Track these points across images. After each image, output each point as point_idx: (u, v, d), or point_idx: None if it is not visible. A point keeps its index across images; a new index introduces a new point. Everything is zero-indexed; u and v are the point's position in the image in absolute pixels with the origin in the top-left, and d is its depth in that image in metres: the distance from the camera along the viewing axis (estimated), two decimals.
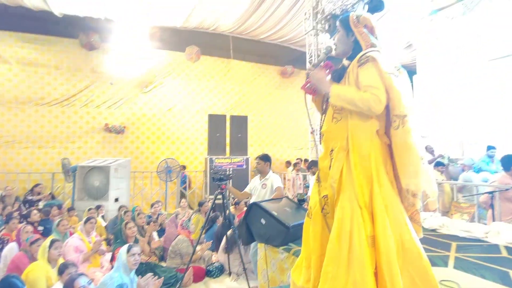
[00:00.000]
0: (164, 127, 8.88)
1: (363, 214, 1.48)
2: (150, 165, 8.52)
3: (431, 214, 3.54)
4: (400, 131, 1.47)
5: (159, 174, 7.67)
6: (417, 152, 1.47)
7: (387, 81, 1.47)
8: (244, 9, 7.33)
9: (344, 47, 1.69)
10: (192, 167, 9.04)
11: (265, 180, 3.76)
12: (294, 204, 3.19)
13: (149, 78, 8.71)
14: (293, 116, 10.63)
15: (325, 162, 1.66)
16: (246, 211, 2.99)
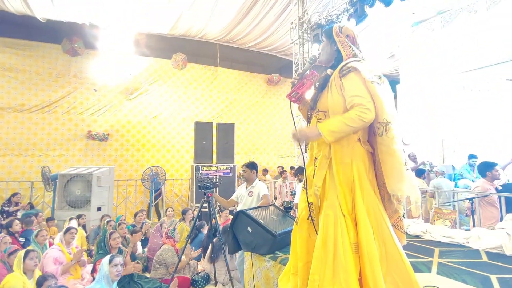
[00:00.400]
0: (150, 134, 8.76)
1: (346, 221, 1.50)
2: (135, 173, 8.36)
3: (414, 221, 3.61)
4: (385, 138, 1.51)
5: (144, 182, 7.52)
6: (401, 159, 1.51)
7: (371, 90, 1.51)
8: (231, 17, 7.40)
9: (327, 56, 1.74)
10: (178, 175, 8.92)
11: (251, 188, 3.75)
12: (280, 211, 3.18)
13: (135, 84, 8.61)
14: (279, 124, 10.71)
15: (309, 170, 1.70)
16: (233, 219, 2.96)
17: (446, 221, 3.69)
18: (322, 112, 1.66)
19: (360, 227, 1.49)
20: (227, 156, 8.10)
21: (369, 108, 1.48)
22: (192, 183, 7.79)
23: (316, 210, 1.64)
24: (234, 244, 2.90)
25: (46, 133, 7.76)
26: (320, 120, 1.64)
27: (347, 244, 1.46)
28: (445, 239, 2.93)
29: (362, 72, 1.54)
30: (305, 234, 1.69)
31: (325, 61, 1.75)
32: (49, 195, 6.89)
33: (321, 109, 1.66)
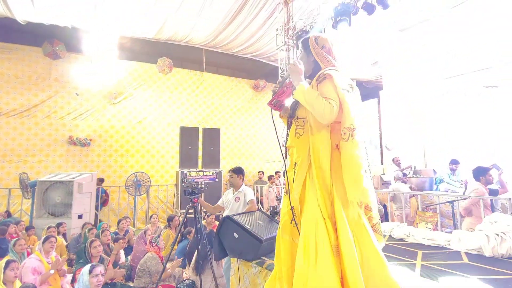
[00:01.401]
0: (134, 139, 8.63)
1: (326, 224, 1.53)
2: (118, 179, 8.20)
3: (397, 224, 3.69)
4: (349, 143, 1.57)
5: (127, 189, 7.38)
6: (360, 165, 1.55)
7: (341, 96, 1.59)
8: (217, 23, 7.42)
9: (306, 67, 1.79)
10: (163, 181, 8.81)
11: (238, 193, 3.75)
12: (267, 217, 3.18)
13: (119, 89, 8.49)
14: (266, 129, 10.77)
15: (290, 175, 1.73)
16: (219, 225, 2.94)
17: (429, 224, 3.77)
18: (301, 119, 1.71)
19: (339, 230, 1.52)
20: (213, 161, 8.07)
21: (334, 110, 1.56)
22: (177, 189, 7.72)
23: (298, 214, 1.67)
24: (220, 250, 2.88)
25: (25, 138, 7.51)
26: (300, 127, 1.70)
27: (327, 247, 1.49)
28: (427, 241, 3.00)
29: (335, 79, 1.62)
30: (288, 238, 1.71)
31: (304, 71, 1.80)
32: (27, 203, 6.65)
33: (300, 116, 1.72)
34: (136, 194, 7.46)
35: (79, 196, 5.99)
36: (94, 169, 7.97)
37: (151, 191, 8.15)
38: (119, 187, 7.79)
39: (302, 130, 1.69)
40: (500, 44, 6.03)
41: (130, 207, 7.79)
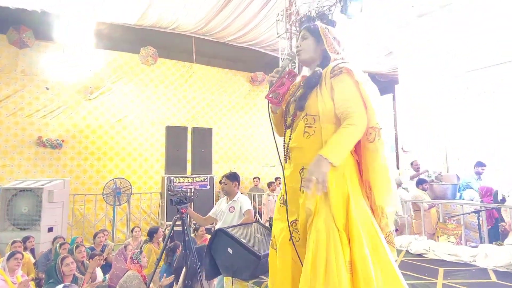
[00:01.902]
0: (113, 140, 8.61)
1: (341, 236, 1.52)
2: (94, 186, 8.17)
3: (416, 238, 3.69)
4: (377, 144, 1.60)
5: (105, 197, 7.36)
6: (388, 167, 1.62)
7: (364, 93, 1.61)
8: (208, 7, 7.43)
9: (312, 55, 1.81)
10: (146, 188, 8.78)
11: (232, 202, 3.74)
12: (266, 230, 3.17)
13: (95, 82, 8.47)
14: (264, 129, 10.77)
15: (293, 182, 1.70)
16: (210, 239, 2.93)
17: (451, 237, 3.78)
18: (311, 116, 1.68)
19: (354, 244, 1.51)
20: (204, 165, 8.06)
21: (363, 115, 1.59)
22: (163, 197, 7.70)
23: (303, 229, 1.64)
24: (212, 268, 2.87)
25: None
26: (310, 126, 1.67)
27: (341, 262, 1.47)
28: (450, 257, 3.01)
29: (355, 74, 1.63)
30: (288, 259, 1.69)
31: (310, 60, 1.82)
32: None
33: (311, 112, 1.68)
34: (115, 203, 7.43)
35: (49, 206, 5.95)
36: (67, 174, 7.93)
37: (133, 200, 8.12)
38: (95, 196, 7.75)
39: (312, 129, 1.67)
40: None
41: (108, 218, 7.75)
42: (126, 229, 7.90)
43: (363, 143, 1.65)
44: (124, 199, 7.58)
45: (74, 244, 4.73)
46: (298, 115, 1.73)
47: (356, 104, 1.59)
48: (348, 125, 1.56)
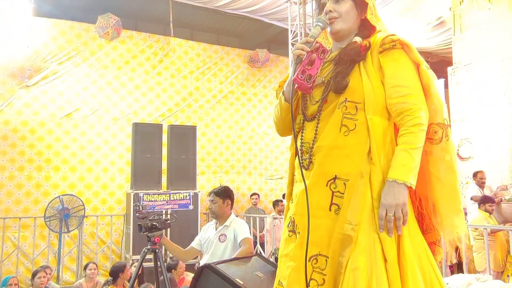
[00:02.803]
0: (59, 143, 8.60)
1: (389, 273, 1.49)
2: (33, 207, 8.15)
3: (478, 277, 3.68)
4: (443, 146, 1.63)
5: (48, 222, 7.33)
6: (457, 177, 1.65)
7: (425, 78, 1.63)
8: None
9: (351, 25, 1.79)
10: (104, 209, 8.76)
11: (224, 228, 3.75)
12: (270, 265, 3.18)
13: (35, 63, 8.47)
14: (267, 127, 10.74)
15: (317, 198, 1.65)
16: (193, 279, 2.94)
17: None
18: (352, 103, 1.65)
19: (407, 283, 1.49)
20: (185, 178, 8.05)
21: (424, 108, 1.60)
22: (128, 221, 7.67)
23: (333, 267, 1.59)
24: None
25: None
26: (350, 117, 1.64)
27: None
28: None
29: (415, 52, 1.64)
30: None
31: (345, 32, 1.79)
32: None
33: (352, 98, 1.65)
34: (62, 230, 7.40)
35: None
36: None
37: (86, 225, 8.10)
38: (34, 219, 7.71)
39: (353, 123, 1.63)
40: None
41: (52, 250, 7.71)
42: (76, 266, 7.83)
43: (425, 146, 1.64)
44: (75, 225, 7.54)
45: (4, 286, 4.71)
46: (331, 101, 1.69)
47: (417, 94, 1.60)
48: (415, 127, 1.56)
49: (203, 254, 3.83)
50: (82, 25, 8.96)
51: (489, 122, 7.81)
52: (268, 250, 7.59)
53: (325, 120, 1.69)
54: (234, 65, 10.62)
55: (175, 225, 6.39)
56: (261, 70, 10.89)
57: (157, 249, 3.55)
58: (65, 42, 8.82)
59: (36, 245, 7.74)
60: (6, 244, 7.52)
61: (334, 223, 1.61)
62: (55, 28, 8.71)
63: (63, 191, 8.22)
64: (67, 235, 7.74)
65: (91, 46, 9.05)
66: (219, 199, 3.78)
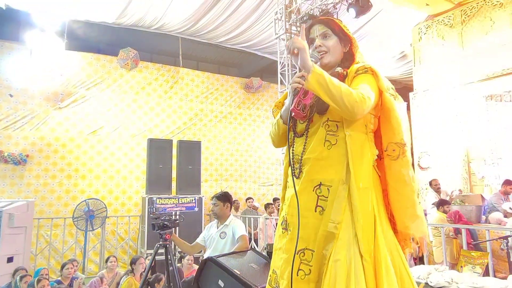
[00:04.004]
0: (86, 155, 8.57)
1: (365, 267, 1.49)
2: (63, 209, 8.10)
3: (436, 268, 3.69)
4: (400, 162, 1.63)
5: (75, 222, 7.28)
6: (414, 189, 1.64)
7: (388, 103, 1.65)
8: (197, 3, 7.53)
9: (337, 58, 1.81)
10: (124, 211, 8.71)
11: (224, 227, 3.74)
12: (263, 258, 3.17)
13: (67, 89, 8.49)
14: (261, 142, 10.79)
15: (305, 201, 1.64)
16: (198, 269, 2.93)
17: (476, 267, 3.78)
18: (333, 122, 1.66)
19: (382, 277, 1.48)
20: (192, 184, 8.03)
21: (369, 105, 1.56)
22: (143, 221, 7.63)
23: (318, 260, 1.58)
24: None
25: None
26: (332, 134, 1.65)
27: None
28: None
29: (382, 80, 1.65)
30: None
31: (332, 64, 1.80)
32: None
33: (333, 118, 1.66)
34: (87, 228, 7.35)
35: (10, 232, 5.87)
36: (31, 195, 7.85)
37: (108, 224, 8.03)
38: (64, 219, 7.67)
39: (335, 138, 1.64)
40: None
41: (79, 246, 7.65)
42: (99, 259, 7.79)
43: (385, 161, 1.68)
44: (98, 224, 7.49)
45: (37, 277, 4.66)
46: (315, 121, 1.70)
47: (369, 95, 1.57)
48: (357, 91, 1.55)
49: (206, 249, 3.82)
50: (106, 57, 9.01)
51: (444, 138, 7.87)
52: (261, 246, 7.55)
53: (312, 136, 1.70)
54: (232, 91, 10.71)
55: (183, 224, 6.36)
56: (255, 95, 10.98)
57: (168, 245, 3.55)
58: (92, 72, 8.85)
59: (65, 242, 7.70)
60: (39, 241, 7.49)
61: (319, 222, 1.61)
62: (84, 60, 8.75)
63: (89, 196, 8.19)
64: (91, 233, 7.69)
65: (114, 75, 9.09)
66: (220, 202, 3.79)
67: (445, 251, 4.94)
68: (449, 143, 7.76)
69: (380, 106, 1.68)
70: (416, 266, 4.08)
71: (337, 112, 1.58)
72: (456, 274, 3.45)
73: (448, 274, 3.40)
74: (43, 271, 5.31)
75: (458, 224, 5.18)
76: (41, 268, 5.84)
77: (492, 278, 3.35)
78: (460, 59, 7.72)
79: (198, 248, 3.92)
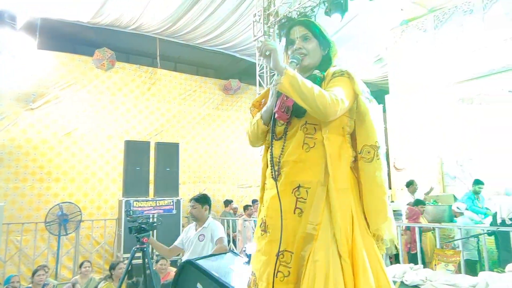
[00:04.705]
0: (60, 158, 8.37)
1: (344, 266, 1.51)
2: (35, 213, 7.87)
3: (411, 267, 3.78)
4: (374, 164, 1.65)
5: (48, 226, 7.09)
6: (385, 190, 1.67)
7: (362, 107, 1.67)
8: (176, 4, 7.49)
9: (316, 61, 1.83)
10: (99, 214, 8.55)
11: (203, 229, 3.73)
12: (242, 260, 3.17)
13: (39, 89, 8.27)
14: (239, 143, 10.79)
15: (284, 203, 1.64)
16: (176, 273, 2.91)
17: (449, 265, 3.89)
18: (311, 125, 1.67)
19: (359, 276, 1.50)
20: (170, 187, 7.97)
21: (342, 107, 1.58)
22: (119, 225, 7.51)
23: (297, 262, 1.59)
24: None
25: None
26: (310, 136, 1.66)
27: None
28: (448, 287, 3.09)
29: (357, 83, 1.67)
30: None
31: (312, 66, 1.83)
32: None
33: (311, 121, 1.67)
34: (60, 233, 7.17)
35: None
36: (0, 199, 7.60)
37: (83, 228, 7.86)
38: (36, 224, 7.45)
39: (313, 141, 1.67)
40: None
41: (51, 251, 7.45)
42: (73, 264, 7.60)
43: (359, 163, 1.70)
44: (72, 228, 7.32)
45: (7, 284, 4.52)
46: (294, 124, 1.72)
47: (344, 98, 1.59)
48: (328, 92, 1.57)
49: (185, 252, 3.79)
50: (81, 57, 8.85)
51: (419, 140, 8.08)
52: (239, 247, 7.55)
53: (290, 139, 1.71)
54: (210, 92, 10.69)
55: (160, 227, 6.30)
56: (234, 96, 10.99)
57: (145, 248, 3.50)
58: (66, 72, 8.67)
59: (37, 247, 7.48)
60: (9, 247, 7.25)
61: (298, 224, 1.62)
62: (57, 60, 8.56)
63: (62, 199, 7.98)
64: (65, 238, 7.50)
65: (89, 75, 8.92)
66: (199, 204, 3.78)
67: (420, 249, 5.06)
68: (423, 144, 7.98)
69: (356, 109, 1.71)
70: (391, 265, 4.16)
71: (311, 113, 1.60)
72: (430, 272, 3.54)
73: (423, 272, 3.49)
74: (14, 279, 5.17)
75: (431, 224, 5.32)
76: (12, 275, 5.69)
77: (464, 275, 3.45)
78: (433, 63, 7.96)
79: (176, 251, 3.90)
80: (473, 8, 7.31)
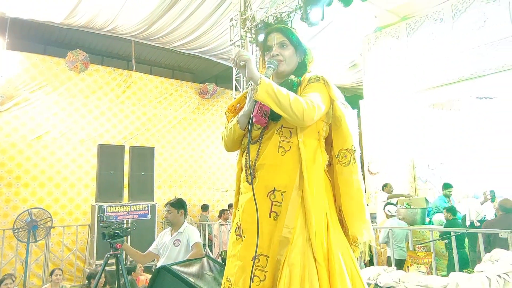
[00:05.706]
0: (29, 162, 8.13)
1: (319, 270, 1.52)
2: (2, 220, 7.66)
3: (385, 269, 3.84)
4: (351, 168, 1.68)
5: (16, 233, 6.85)
6: (363, 193, 1.69)
7: (338, 112, 1.70)
8: (152, 7, 7.42)
9: (292, 67, 1.86)
10: (71, 220, 8.36)
11: (178, 234, 3.70)
12: (218, 265, 3.17)
13: (8, 91, 8.03)
14: (215, 148, 10.80)
15: (259, 207, 1.64)
16: (151, 279, 2.87)
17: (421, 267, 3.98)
18: (287, 128, 1.69)
19: (335, 279, 1.52)
20: (144, 191, 7.87)
21: (316, 112, 1.60)
22: (92, 230, 7.36)
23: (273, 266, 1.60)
24: None
25: None
26: (286, 140, 1.68)
27: None
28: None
29: (333, 89, 1.71)
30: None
31: (287, 73, 1.84)
32: None
33: (287, 125, 1.69)
34: (29, 240, 6.94)
35: None
36: None
37: (54, 234, 7.68)
38: (3, 231, 7.19)
39: (288, 144, 1.68)
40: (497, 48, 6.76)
41: (20, 259, 7.21)
42: (43, 272, 7.36)
43: (336, 167, 1.72)
44: (42, 235, 7.09)
45: None
46: (270, 128, 1.73)
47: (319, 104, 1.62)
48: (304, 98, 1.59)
49: (159, 258, 3.74)
50: (53, 59, 8.67)
51: (391, 143, 8.26)
52: (215, 252, 7.52)
53: (266, 143, 1.71)
54: (187, 96, 10.66)
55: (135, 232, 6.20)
56: (210, 100, 11.00)
57: (119, 254, 3.43)
58: (37, 73, 8.45)
59: (4, 255, 7.22)
60: None
61: (274, 227, 1.62)
62: (28, 61, 8.35)
63: (32, 205, 7.78)
64: (34, 245, 7.28)
65: (61, 78, 8.74)
66: (174, 209, 3.74)
67: (393, 252, 5.17)
68: (396, 149, 8.17)
69: (332, 114, 1.73)
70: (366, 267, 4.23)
71: (288, 120, 1.61)
72: (403, 274, 3.61)
73: (396, 274, 3.55)
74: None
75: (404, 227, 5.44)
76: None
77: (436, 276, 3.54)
78: (405, 69, 8.18)
79: (151, 257, 3.84)
80: (443, 17, 7.56)
